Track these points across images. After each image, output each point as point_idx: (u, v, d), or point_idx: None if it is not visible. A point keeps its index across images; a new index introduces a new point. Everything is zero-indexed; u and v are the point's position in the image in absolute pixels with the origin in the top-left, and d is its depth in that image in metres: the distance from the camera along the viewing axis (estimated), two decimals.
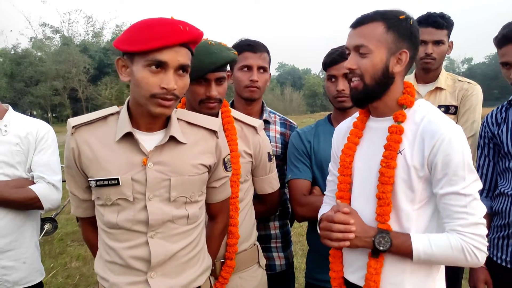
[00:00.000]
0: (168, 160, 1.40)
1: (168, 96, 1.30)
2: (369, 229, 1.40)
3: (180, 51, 1.30)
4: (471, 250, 1.31)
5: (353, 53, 1.42)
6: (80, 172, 1.45)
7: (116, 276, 1.42)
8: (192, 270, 1.47)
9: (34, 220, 2.11)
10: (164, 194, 1.40)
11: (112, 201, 1.39)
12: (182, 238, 1.44)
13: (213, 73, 1.72)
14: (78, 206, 1.55)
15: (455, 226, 1.32)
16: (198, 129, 1.49)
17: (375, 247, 1.37)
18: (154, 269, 1.40)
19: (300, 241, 5.28)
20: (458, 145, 1.32)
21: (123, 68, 1.36)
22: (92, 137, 1.42)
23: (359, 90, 1.42)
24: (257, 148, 1.89)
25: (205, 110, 1.75)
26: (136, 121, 1.41)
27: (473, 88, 2.46)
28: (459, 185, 1.31)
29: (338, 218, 1.39)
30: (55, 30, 44.37)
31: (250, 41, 2.23)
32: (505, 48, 1.84)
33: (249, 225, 1.89)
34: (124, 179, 1.37)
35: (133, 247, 1.39)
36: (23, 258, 2.02)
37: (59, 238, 5.77)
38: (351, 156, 1.53)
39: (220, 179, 1.58)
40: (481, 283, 1.95)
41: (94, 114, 1.47)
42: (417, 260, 1.35)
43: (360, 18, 1.42)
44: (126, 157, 1.39)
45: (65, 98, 38.39)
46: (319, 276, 2.01)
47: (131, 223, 1.39)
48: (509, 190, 1.85)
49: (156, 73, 1.28)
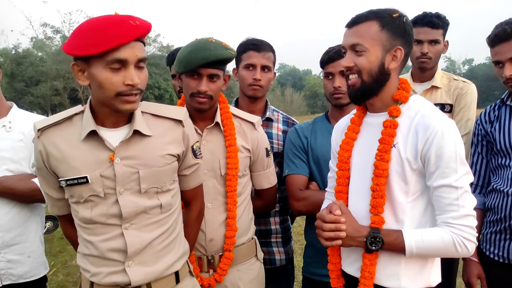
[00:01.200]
0: (135, 153, 1.44)
1: (133, 92, 1.34)
2: (361, 228, 1.43)
3: (135, 46, 1.32)
4: (461, 242, 1.35)
5: (350, 52, 1.46)
6: (50, 173, 1.48)
7: (96, 268, 1.47)
8: (168, 257, 1.51)
9: (39, 215, 2.15)
10: (135, 187, 1.44)
11: (85, 198, 1.43)
12: (157, 227, 1.49)
13: (206, 69, 1.76)
14: (53, 205, 1.59)
15: (447, 219, 1.36)
16: (163, 120, 1.52)
17: (368, 247, 1.41)
18: (131, 258, 1.44)
19: (299, 240, 5.30)
20: (451, 138, 1.36)
21: (80, 73, 1.36)
22: (59, 138, 1.45)
23: (357, 87, 1.46)
24: (255, 143, 1.93)
25: (195, 104, 1.80)
26: (100, 119, 1.44)
27: (468, 87, 2.50)
28: (451, 177, 1.35)
29: (329, 218, 1.44)
30: (56, 30, 44.26)
31: (255, 40, 2.27)
32: (497, 47, 1.87)
33: (247, 219, 1.93)
34: (93, 176, 1.41)
35: (109, 240, 1.44)
36: (28, 252, 2.06)
37: (59, 237, 5.79)
38: (349, 151, 1.57)
39: (190, 167, 1.61)
40: (474, 277, 1.99)
41: (59, 115, 1.49)
42: (410, 255, 1.39)
43: (354, 18, 1.47)
44: (93, 155, 1.42)
45: (65, 98, 38.30)
46: (316, 271, 2.05)
47: (105, 217, 1.43)
48: (502, 186, 1.89)
49: (118, 71, 1.31)
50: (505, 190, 1.87)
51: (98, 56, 1.29)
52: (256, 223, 2.06)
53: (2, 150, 2.01)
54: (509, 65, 1.84)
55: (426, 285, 1.45)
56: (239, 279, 1.87)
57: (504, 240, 1.88)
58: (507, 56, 1.83)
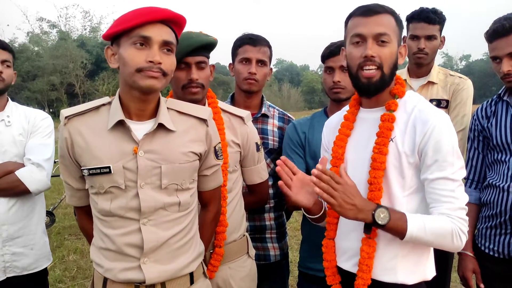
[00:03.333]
0: (158, 148, 1.44)
1: (154, 69, 1.35)
2: (369, 203, 1.39)
3: (162, 28, 1.37)
4: (458, 234, 1.35)
5: (373, 41, 1.41)
6: (73, 161, 1.48)
7: (110, 262, 1.46)
8: (184, 257, 1.50)
9: (42, 208, 2.18)
10: (156, 182, 1.44)
11: (105, 189, 1.43)
12: (174, 225, 1.48)
13: (192, 57, 1.78)
14: (72, 195, 1.58)
15: (444, 210, 1.35)
16: (188, 117, 1.52)
17: (374, 221, 1.35)
18: (147, 255, 1.43)
19: (296, 235, 5.32)
20: (448, 132, 1.38)
21: (112, 56, 1.43)
22: (84, 127, 1.46)
23: (376, 80, 1.42)
24: (245, 138, 1.93)
25: (188, 95, 1.80)
26: (127, 110, 1.45)
27: (464, 82, 2.51)
28: (448, 170, 1.36)
29: (329, 172, 1.36)
30: (52, 25, 44.09)
31: (251, 34, 2.27)
32: (495, 42, 1.87)
33: (238, 216, 1.92)
34: (115, 167, 1.41)
35: (126, 234, 1.43)
36: (31, 245, 2.08)
37: (56, 232, 5.80)
38: (343, 148, 1.56)
39: (211, 167, 1.61)
40: (469, 272, 2.00)
41: (87, 105, 1.51)
42: (409, 237, 1.34)
43: (372, 6, 1.43)
44: (117, 146, 1.42)
45: (62, 93, 38.18)
46: (312, 265, 2.05)
47: (123, 210, 1.43)
48: (497, 181, 1.90)
49: (142, 49, 1.35)
50: (501, 185, 1.88)
51: (126, 34, 1.35)
52: (250, 219, 2.06)
53: (3, 144, 2.02)
54: (507, 61, 1.85)
55: (422, 278, 1.46)
56: (230, 277, 1.86)
57: (499, 235, 1.89)
58: (505, 51, 1.83)
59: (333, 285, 1.55)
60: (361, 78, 1.44)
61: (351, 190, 1.38)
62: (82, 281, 4.23)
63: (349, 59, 1.47)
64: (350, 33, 1.46)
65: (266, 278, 2.15)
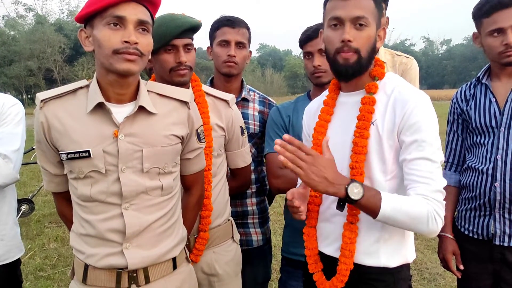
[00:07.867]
0: (139, 131, 1.41)
1: (131, 50, 1.30)
2: (343, 177, 1.34)
3: (137, 7, 1.33)
4: (433, 217, 1.31)
5: (350, 25, 1.38)
6: (51, 146, 1.44)
7: (92, 248, 1.43)
8: (167, 241, 1.49)
9: (12, 197, 2.08)
10: (137, 166, 1.41)
11: (85, 174, 1.39)
12: (157, 209, 1.46)
13: (180, 39, 1.75)
14: (50, 181, 1.54)
15: (421, 191, 1.31)
16: (169, 100, 1.49)
17: (347, 196, 1.29)
18: (129, 240, 1.41)
19: (279, 220, 5.36)
20: (428, 113, 1.36)
21: (86, 39, 1.37)
22: (62, 110, 1.41)
23: (354, 62, 1.40)
24: (230, 121, 1.90)
25: (177, 78, 1.77)
26: (106, 93, 1.40)
27: (411, 62, 2.49)
28: (427, 150, 1.33)
29: (297, 142, 1.30)
30: (29, 8, 42.93)
31: (229, 16, 2.22)
32: (497, 14, 1.81)
33: (223, 201, 1.91)
34: (95, 151, 1.37)
35: (108, 219, 1.40)
36: (1, 236, 2.00)
37: (36, 220, 5.72)
38: (323, 134, 1.54)
39: (193, 151, 1.59)
40: (449, 253, 2.03)
41: (63, 88, 1.46)
42: (382, 216, 1.30)
43: None
44: (97, 129, 1.38)
45: (40, 79, 37.37)
46: (295, 250, 2.06)
47: (105, 195, 1.39)
48: (476, 164, 1.92)
49: (116, 30, 1.30)
50: (480, 168, 1.90)
51: (99, 15, 1.30)
52: (232, 204, 2.05)
53: None
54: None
55: (404, 261, 1.46)
56: (215, 261, 1.85)
57: (478, 217, 1.92)
58: (511, 22, 1.79)
59: (315, 272, 1.54)
60: (338, 62, 1.42)
61: (323, 163, 1.31)
62: (64, 269, 4.19)
63: (327, 42, 1.45)
64: (328, 16, 1.43)
65: (249, 263, 2.15)
